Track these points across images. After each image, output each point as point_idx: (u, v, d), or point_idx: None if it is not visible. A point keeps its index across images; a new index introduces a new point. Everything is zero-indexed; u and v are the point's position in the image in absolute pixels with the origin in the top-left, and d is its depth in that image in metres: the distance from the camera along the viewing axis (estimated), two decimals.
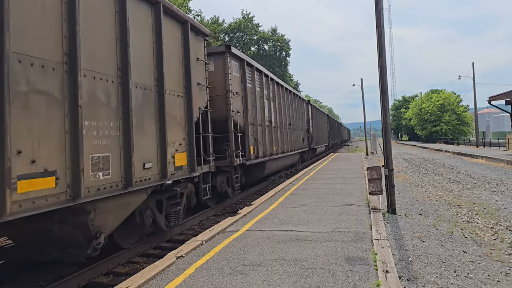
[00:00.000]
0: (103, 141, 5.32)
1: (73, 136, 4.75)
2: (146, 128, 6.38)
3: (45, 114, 4.42)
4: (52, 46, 4.60)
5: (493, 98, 25.19)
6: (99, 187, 5.17)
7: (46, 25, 4.54)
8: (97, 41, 5.39)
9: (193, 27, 8.21)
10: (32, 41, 4.33)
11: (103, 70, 5.45)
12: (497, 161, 21.38)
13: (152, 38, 6.78)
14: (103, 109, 5.37)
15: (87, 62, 5.10)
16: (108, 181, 5.34)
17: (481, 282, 4.54)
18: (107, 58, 5.57)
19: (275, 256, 5.30)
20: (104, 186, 5.26)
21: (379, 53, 8.31)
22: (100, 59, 5.41)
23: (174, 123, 7.28)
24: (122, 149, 5.69)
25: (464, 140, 51.81)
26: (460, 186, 12.83)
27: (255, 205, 9.30)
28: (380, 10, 8.29)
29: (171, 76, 7.32)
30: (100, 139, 5.26)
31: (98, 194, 5.13)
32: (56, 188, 4.48)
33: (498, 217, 8.19)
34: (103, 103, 5.39)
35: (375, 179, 8.40)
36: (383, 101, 8.30)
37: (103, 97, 5.41)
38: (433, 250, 5.68)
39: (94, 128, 5.13)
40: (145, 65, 6.53)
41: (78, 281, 5.30)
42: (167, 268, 5.03)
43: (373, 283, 4.24)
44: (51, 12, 4.63)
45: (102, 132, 5.31)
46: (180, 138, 7.54)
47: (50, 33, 4.59)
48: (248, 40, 58.18)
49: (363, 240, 5.94)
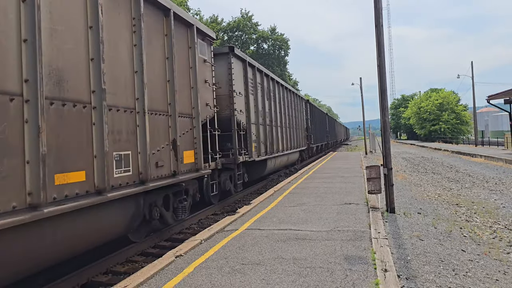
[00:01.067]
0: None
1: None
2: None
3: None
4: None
5: (492, 97, 25.22)
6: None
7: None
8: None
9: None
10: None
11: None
12: (496, 160, 21.43)
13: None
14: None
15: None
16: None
17: (479, 281, 4.56)
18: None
19: (274, 255, 5.30)
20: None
21: (378, 52, 8.31)
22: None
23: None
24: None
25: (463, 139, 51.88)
26: (459, 185, 12.85)
27: (254, 204, 9.30)
28: (379, 10, 8.29)
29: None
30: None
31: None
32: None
33: (497, 216, 8.21)
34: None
35: (374, 178, 8.40)
36: (382, 100, 8.31)
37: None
38: (432, 249, 5.69)
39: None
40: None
41: (77, 280, 5.29)
42: (166, 267, 5.03)
43: (372, 282, 4.25)
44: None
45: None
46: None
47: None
48: (247, 39, 58.12)
49: (362, 239, 5.95)
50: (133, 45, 6.10)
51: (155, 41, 6.80)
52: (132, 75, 6.02)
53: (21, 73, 4.09)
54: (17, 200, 3.96)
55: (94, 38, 5.15)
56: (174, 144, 7.08)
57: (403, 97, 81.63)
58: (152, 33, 6.66)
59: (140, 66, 6.15)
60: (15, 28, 4.07)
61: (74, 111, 4.78)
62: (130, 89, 5.94)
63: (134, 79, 6.05)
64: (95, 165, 5.03)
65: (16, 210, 3.93)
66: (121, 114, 5.68)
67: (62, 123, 4.58)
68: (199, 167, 8.10)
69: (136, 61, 6.12)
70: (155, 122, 6.56)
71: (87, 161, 4.93)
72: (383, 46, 8.33)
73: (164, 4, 7.00)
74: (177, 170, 7.10)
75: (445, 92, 58.21)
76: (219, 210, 10.24)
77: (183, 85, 7.72)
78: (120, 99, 5.67)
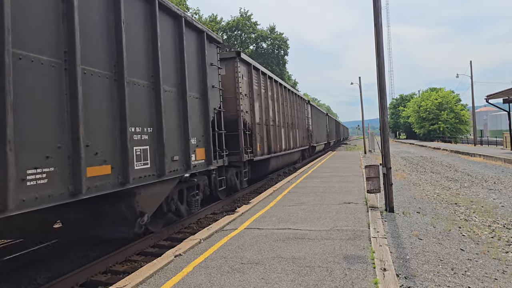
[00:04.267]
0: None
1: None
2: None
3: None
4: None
5: (490, 96, 25.25)
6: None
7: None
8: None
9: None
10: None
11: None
12: (495, 159, 21.47)
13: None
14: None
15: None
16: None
17: (478, 280, 4.56)
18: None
19: (273, 254, 5.31)
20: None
21: (377, 52, 8.31)
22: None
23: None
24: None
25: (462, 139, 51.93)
26: (458, 184, 12.87)
27: (253, 203, 9.30)
28: (378, 9, 8.28)
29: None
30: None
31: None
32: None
33: (496, 215, 8.23)
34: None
35: (373, 178, 8.41)
36: (381, 99, 8.31)
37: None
38: (430, 248, 5.70)
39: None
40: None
41: (76, 280, 5.29)
42: (165, 266, 5.03)
43: (371, 281, 4.25)
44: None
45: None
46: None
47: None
48: (246, 38, 58.07)
49: (361, 238, 5.95)
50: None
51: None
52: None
53: None
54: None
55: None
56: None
57: (402, 97, 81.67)
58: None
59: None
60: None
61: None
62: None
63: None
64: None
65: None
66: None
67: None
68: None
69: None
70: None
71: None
72: (382, 45, 8.33)
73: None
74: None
75: (444, 92, 58.24)
76: (219, 209, 10.26)
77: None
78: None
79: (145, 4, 6.57)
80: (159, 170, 6.57)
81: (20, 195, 3.92)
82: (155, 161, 6.49)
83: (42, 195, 4.18)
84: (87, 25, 5.04)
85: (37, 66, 4.25)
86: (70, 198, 4.60)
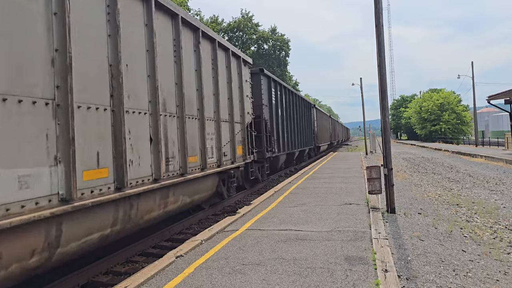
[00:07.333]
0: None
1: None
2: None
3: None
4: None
5: (492, 97, 25.21)
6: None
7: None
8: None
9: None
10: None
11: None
12: (496, 160, 21.42)
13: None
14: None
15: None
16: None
17: (480, 281, 4.55)
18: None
19: (274, 256, 5.30)
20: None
21: (378, 52, 8.31)
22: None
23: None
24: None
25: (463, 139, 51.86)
26: (459, 185, 12.85)
27: (254, 204, 9.30)
28: (379, 10, 8.28)
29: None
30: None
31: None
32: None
33: (497, 216, 8.21)
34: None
35: (374, 178, 8.40)
36: (382, 100, 8.30)
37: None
38: (432, 249, 5.68)
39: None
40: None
41: (77, 280, 5.29)
42: (166, 267, 5.03)
43: (372, 282, 4.24)
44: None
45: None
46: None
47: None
48: (248, 39, 58.10)
49: (362, 239, 5.95)
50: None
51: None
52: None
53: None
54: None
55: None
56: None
57: (403, 98, 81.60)
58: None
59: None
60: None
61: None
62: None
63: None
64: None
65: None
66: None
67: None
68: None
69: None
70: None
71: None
72: (383, 46, 8.33)
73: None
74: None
75: (446, 92, 58.18)
76: (220, 210, 10.27)
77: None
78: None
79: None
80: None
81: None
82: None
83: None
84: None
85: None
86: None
